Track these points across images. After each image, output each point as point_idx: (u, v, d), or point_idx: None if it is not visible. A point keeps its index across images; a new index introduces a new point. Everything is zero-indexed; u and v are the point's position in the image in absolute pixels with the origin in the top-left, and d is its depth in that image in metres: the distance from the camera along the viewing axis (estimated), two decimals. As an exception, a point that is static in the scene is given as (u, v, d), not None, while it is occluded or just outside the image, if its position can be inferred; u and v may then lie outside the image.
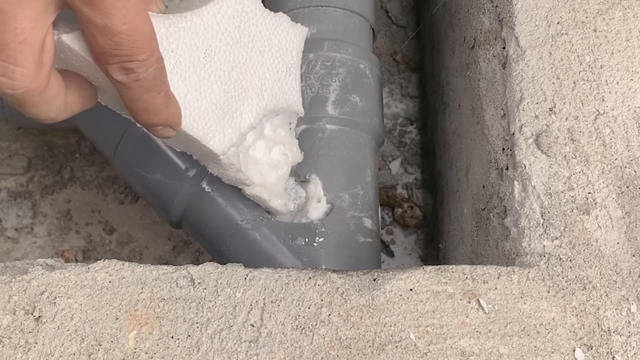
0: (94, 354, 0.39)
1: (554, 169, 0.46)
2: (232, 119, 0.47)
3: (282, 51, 0.50)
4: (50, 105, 0.39)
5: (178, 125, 0.43)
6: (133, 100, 0.40)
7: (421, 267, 0.43)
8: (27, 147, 0.77)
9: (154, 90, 0.40)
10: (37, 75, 0.37)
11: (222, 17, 0.45)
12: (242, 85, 0.47)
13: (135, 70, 0.38)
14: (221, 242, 0.56)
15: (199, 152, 0.47)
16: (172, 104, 0.42)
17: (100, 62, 0.39)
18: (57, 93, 0.39)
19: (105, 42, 0.37)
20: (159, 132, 0.43)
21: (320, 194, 0.56)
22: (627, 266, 0.43)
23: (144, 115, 0.41)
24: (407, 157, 0.80)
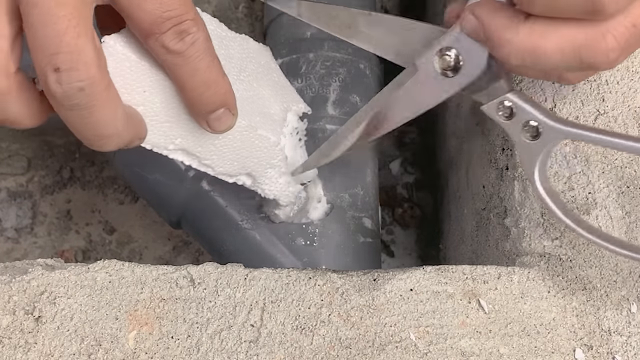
0: (94, 354, 0.39)
1: (554, 169, 0.46)
2: (265, 112, 0.47)
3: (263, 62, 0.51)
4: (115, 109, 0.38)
5: (235, 107, 0.42)
6: (193, 73, 0.39)
7: (421, 267, 0.43)
8: (27, 147, 0.77)
9: (209, 54, 0.39)
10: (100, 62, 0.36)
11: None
12: (254, 86, 0.48)
13: (189, 30, 0.38)
14: (221, 242, 0.56)
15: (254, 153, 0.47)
16: (226, 76, 0.41)
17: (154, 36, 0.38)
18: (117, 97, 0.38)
19: (153, 6, 0.36)
20: (222, 120, 0.42)
21: (320, 194, 0.56)
22: (627, 266, 0.43)
23: (207, 91, 0.40)
24: (407, 157, 0.80)
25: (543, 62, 0.37)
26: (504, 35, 0.37)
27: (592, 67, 0.37)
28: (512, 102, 0.40)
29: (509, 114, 0.40)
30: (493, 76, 0.40)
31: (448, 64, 0.40)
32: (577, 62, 0.37)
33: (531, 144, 0.40)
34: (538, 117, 0.40)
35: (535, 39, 0.37)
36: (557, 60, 0.37)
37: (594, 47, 0.36)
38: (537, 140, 0.40)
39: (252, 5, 0.83)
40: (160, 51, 0.38)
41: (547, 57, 0.37)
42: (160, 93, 0.41)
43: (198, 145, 0.45)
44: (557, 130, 0.39)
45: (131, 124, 0.40)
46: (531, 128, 0.40)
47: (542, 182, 0.41)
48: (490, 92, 0.41)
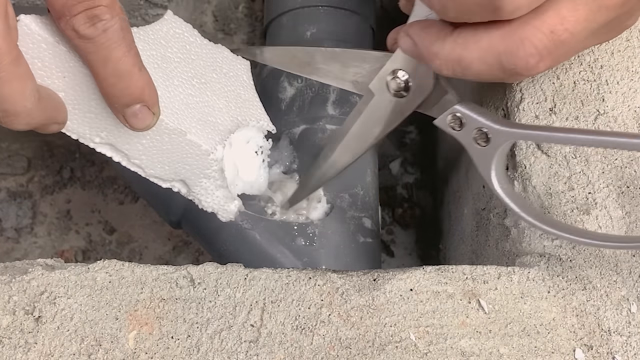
0: (93, 354, 0.39)
1: (554, 169, 0.46)
2: (207, 120, 0.47)
3: (232, 74, 0.51)
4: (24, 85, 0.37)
5: (155, 104, 0.41)
6: (104, 62, 0.38)
7: (421, 267, 0.43)
8: (27, 147, 0.77)
9: (124, 45, 0.38)
10: (8, 37, 0.35)
11: (165, 34, 0.46)
12: (207, 94, 0.48)
13: (101, 16, 0.37)
14: (221, 242, 0.56)
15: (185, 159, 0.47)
16: (144, 70, 0.40)
17: (64, 19, 0.37)
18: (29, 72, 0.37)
19: None
20: (138, 117, 0.40)
21: (320, 194, 0.56)
22: (627, 266, 0.43)
23: (118, 84, 0.39)
24: (407, 157, 0.80)
25: (470, 71, 0.39)
26: (432, 49, 0.39)
27: (514, 73, 0.38)
28: (460, 112, 0.42)
29: (459, 124, 0.42)
30: (442, 90, 0.42)
31: (398, 85, 0.43)
32: (499, 69, 0.38)
33: (484, 150, 0.42)
34: (485, 123, 0.41)
35: (459, 50, 0.39)
36: (481, 69, 0.39)
37: (513, 53, 0.37)
38: (489, 145, 0.42)
39: (252, 5, 0.83)
40: (71, 35, 0.37)
41: (472, 67, 0.39)
42: (81, 80, 0.40)
43: (125, 142, 0.44)
44: (505, 133, 0.41)
45: (45, 104, 0.39)
46: (481, 134, 0.42)
47: (500, 184, 0.42)
48: (440, 106, 0.43)
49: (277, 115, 0.58)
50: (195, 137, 0.46)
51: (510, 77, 0.40)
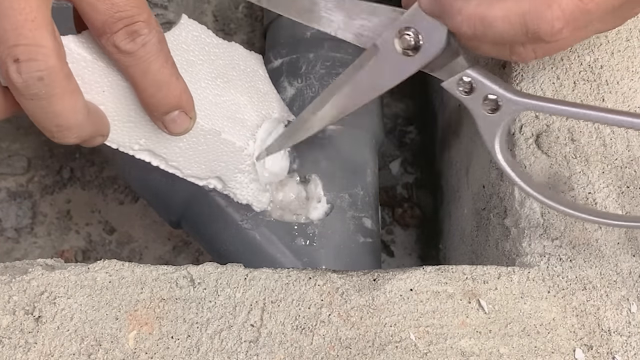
0: (93, 354, 0.39)
1: (554, 169, 0.46)
2: (236, 118, 0.48)
3: (249, 69, 0.52)
4: (76, 100, 0.38)
5: (192, 109, 0.43)
6: (144, 74, 0.40)
7: (421, 267, 0.43)
8: (27, 147, 0.77)
9: (162, 56, 0.40)
10: (60, 54, 0.37)
11: (185, 39, 0.47)
12: (231, 92, 0.49)
13: (140, 32, 0.38)
14: (221, 242, 0.56)
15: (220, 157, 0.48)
16: (181, 78, 0.42)
17: (105, 36, 0.38)
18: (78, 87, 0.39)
19: (105, 6, 0.37)
20: (177, 122, 0.42)
21: (320, 194, 0.56)
22: (627, 266, 0.43)
23: (158, 93, 0.41)
24: (407, 157, 0.80)
25: (492, 30, 0.38)
26: (456, 5, 0.39)
27: (537, 37, 0.38)
28: (471, 77, 0.42)
29: (468, 89, 0.42)
30: (452, 53, 0.42)
31: (408, 43, 0.42)
32: (522, 30, 0.38)
33: (491, 117, 0.41)
34: (497, 90, 0.41)
35: (484, 7, 0.38)
36: (504, 28, 0.38)
37: (539, 15, 0.37)
38: (497, 113, 0.41)
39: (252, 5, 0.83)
40: (112, 50, 0.39)
41: (495, 25, 0.38)
42: (120, 93, 0.42)
43: (163, 146, 0.46)
44: (516, 102, 0.41)
45: (92, 118, 0.41)
46: (491, 101, 0.41)
47: (502, 153, 0.42)
48: (450, 69, 0.42)
49: (277, 115, 0.58)
50: (229, 135, 0.47)
51: (531, 40, 0.39)
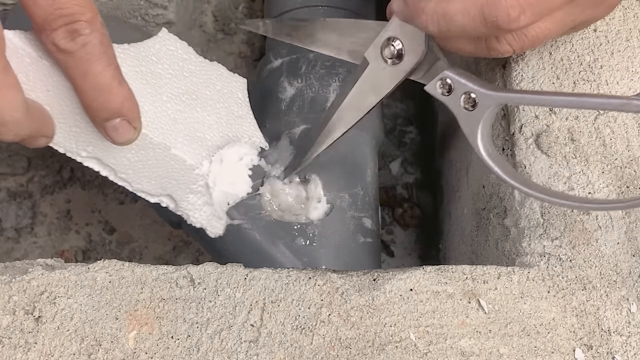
0: (94, 354, 0.39)
1: (554, 169, 0.46)
2: (195, 136, 0.48)
3: (226, 91, 0.52)
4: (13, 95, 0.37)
5: (136, 119, 0.42)
6: (84, 76, 0.39)
7: (421, 267, 0.43)
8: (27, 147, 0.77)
9: (104, 59, 0.39)
10: None
11: (158, 51, 0.47)
12: (197, 110, 0.49)
13: (81, 31, 0.37)
14: (221, 242, 0.56)
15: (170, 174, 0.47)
16: (124, 85, 0.40)
17: (45, 33, 0.37)
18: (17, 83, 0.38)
19: (46, 2, 0.36)
20: (118, 131, 0.41)
21: (320, 194, 0.56)
22: (627, 266, 0.43)
23: (98, 97, 0.39)
24: (407, 157, 0.80)
25: (454, 24, 0.41)
26: (420, 5, 0.41)
27: (496, 25, 0.40)
28: (450, 78, 0.44)
29: (448, 89, 0.44)
30: (434, 58, 0.44)
31: (392, 52, 0.44)
32: (481, 21, 0.40)
33: (471, 114, 0.43)
34: (473, 87, 0.43)
35: (444, 3, 0.41)
36: (464, 21, 0.40)
37: (494, 4, 0.39)
38: (476, 109, 0.43)
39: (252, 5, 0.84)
40: (51, 49, 0.38)
41: (455, 18, 0.40)
42: (65, 94, 0.41)
43: (111, 156, 0.45)
44: (492, 97, 0.43)
45: (33, 116, 0.40)
46: (469, 99, 0.43)
47: (485, 147, 0.44)
48: (432, 72, 0.44)
49: (277, 115, 0.58)
50: (180, 152, 0.46)
51: (493, 31, 0.41)
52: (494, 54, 0.44)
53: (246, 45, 0.81)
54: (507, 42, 0.43)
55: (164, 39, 0.48)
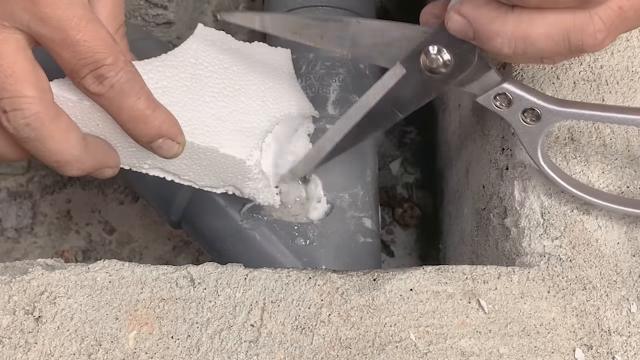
0: (94, 354, 0.39)
1: (554, 169, 0.46)
2: (242, 128, 0.49)
3: (270, 69, 0.52)
4: (68, 137, 0.41)
5: (178, 135, 0.44)
6: (119, 112, 0.42)
7: (421, 267, 0.43)
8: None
9: (133, 94, 0.42)
10: (43, 99, 0.40)
11: (195, 52, 0.49)
12: (241, 100, 0.50)
13: (106, 75, 0.40)
14: (221, 242, 0.56)
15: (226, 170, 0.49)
16: (159, 110, 0.43)
17: (76, 81, 0.41)
18: (70, 125, 0.42)
19: (69, 55, 0.40)
20: (163, 149, 0.44)
21: (320, 194, 0.56)
22: (627, 266, 0.43)
23: (136, 127, 0.43)
24: (407, 157, 0.80)
25: (533, 48, 0.38)
26: (493, 28, 0.39)
27: (580, 50, 0.38)
28: (508, 91, 0.42)
29: (507, 102, 0.43)
30: (482, 68, 0.42)
31: (437, 62, 0.42)
32: (565, 46, 0.38)
33: (532, 128, 0.42)
34: (537, 102, 0.42)
35: (524, 27, 0.38)
36: (546, 45, 0.38)
37: (581, 30, 0.37)
38: (538, 123, 0.42)
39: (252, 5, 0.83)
40: (86, 92, 0.41)
41: (537, 43, 0.38)
42: (113, 124, 0.44)
43: (170, 164, 0.48)
44: (557, 112, 0.42)
45: (94, 151, 0.44)
46: (531, 113, 0.42)
47: (545, 161, 0.43)
48: (482, 83, 0.43)
49: (277, 115, 0.58)
50: (229, 150, 0.47)
51: (574, 53, 0.39)
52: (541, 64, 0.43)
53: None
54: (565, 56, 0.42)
55: (201, 36, 0.49)
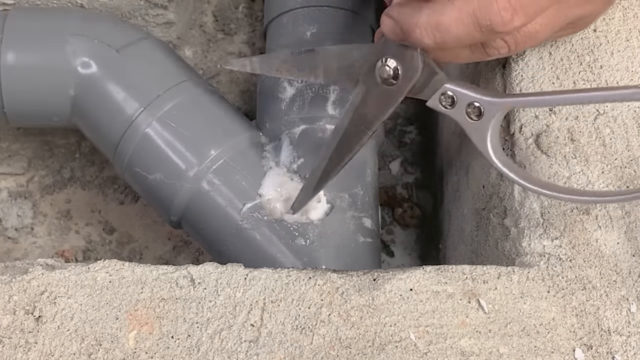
0: (94, 354, 0.39)
1: (554, 169, 0.46)
2: None
3: None
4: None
5: None
6: None
7: (421, 267, 0.43)
8: (27, 147, 0.77)
9: None
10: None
11: None
12: None
13: None
14: (221, 242, 0.56)
15: None
16: None
17: None
18: None
19: None
20: None
21: (320, 193, 0.56)
22: (627, 266, 0.43)
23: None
24: (407, 157, 0.80)
25: (449, 35, 0.41)
26: (411, 21, 0.41)
27: (491, 30, 0.40)
28: (451, 90, 0.44)
29: (451, 102, 0.44)
30: (431, 72, 0.43)
31: (388, 73, 0.44)
32: (476, 28, 0.40)
33: (477, 123, 0.44)
34: (476, 96, 0.43)
35: (437, 16, 0.40)
36: (459, 30, 0.40)
37: (486, 9, 0.39)
38: (482, 118, 0.43)
39: (252, 5, 0.83)
40: None
41: (451, 30, 0.40)
42: None
43: None
44: (497, 104, 0.43)
45: None
46: (474, 109, 0.43)
47: (496, 155, 0.44)
48: (431, 87, 0.44)
49: (277, 115, 0.58)
50: None
51: (488, 35, 0.41)
52: (492, 55, 0.44)
53: (246, 45, 0.81)
54: (503, 41, 0.43)
55: None
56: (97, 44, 0.59)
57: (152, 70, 0.60)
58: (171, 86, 0.58)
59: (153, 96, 0.57)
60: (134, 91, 0.58)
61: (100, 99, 0.59)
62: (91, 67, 0.59)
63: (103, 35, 0.60)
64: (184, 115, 0.57)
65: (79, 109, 0.60)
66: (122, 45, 0.60)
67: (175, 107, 0.57)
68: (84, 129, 0.63)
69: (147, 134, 0.57)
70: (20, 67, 0.58)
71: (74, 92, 0.59)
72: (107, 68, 0.59)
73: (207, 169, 0.56)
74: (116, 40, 0.60)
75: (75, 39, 0.59)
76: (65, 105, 0.60)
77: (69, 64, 0.58)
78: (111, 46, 0.59)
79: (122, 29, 0.63)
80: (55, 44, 0.59)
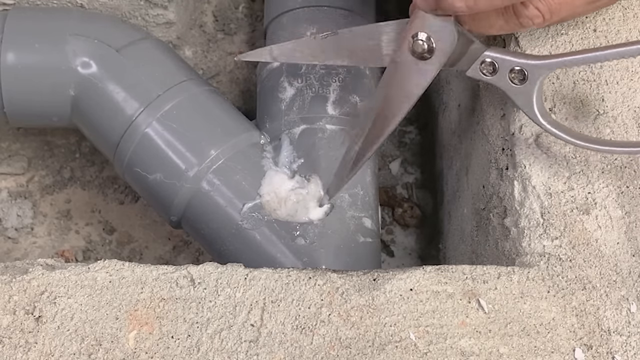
0: (94, 354, 0.39)
1: (554, 169, 0.46)
2: None
3: None
4: None
5: None
6: None
7: (421, 267, 0.43)
8: (27, 147, 0.77)
9: None
10: None
11: None
12: None
13: None
14: (221, 242, 0.56)
15: None
16: None
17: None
18: None
19: None
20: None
21: (320, 194, 0.56)
22: (627, 266, 0.43)
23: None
24: (407, 157, 0.80)
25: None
26: None
27: None
28: (491, 57, 0.44)
29: (492, 69, 0.44)
30: (467, 42, 0.43)
31: (422, 47, 0.43)
32: None
33: (522, 88, 0.44)
34: (519, 61, 0.43)
35: None
36: None
37: None
38: (526, 82, 0.43)
39: (252, 5, 0.83)
40: None
41: None
42: None
43: None
44: (541, 66, 0.43)
45: None
46: (517, 73, 0.43)
47: (543, 117, 0.44)
48: (468, 57, 0.44)
49: (277, 115, 0.58)
50: None
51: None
52: (526, 25, 0.44)
53: (246, 45, 0.81)
54: (534, 7, 0.43)
55: None
56: (97, 44, 0.59)
57: (152, 70, 0.60)
58: (171, 86, 0.58)
59: (153, 96, 0.57)
60: (134, 91, 0.58)
61: (100, 99, 0.59)
62: (91, 67, 0.59)
63: (103, 35, 0.60)
64: (184, 115, 0.57)
65: (79, 109, 0.60)
66: (122, 45, 0.60)
67: (175, 107, 0.57)
68: (84, 129, 0.63)
69: (147, 134, 0.57)
70: (20, 67, 0.58)
71: (74, 92, 0.59)
72: (107, 68, 0.59)
73: (207, 169, 0.56)
74: (116, 40, 0.60)
75: (75, 39, 0.59)
76: (65, 105, 0.60)
77: (68, 64, 0.58)
78: (111, 46, 0.59)
79: (122, 29, 0.63)
80: (55, 44, 0.59)
